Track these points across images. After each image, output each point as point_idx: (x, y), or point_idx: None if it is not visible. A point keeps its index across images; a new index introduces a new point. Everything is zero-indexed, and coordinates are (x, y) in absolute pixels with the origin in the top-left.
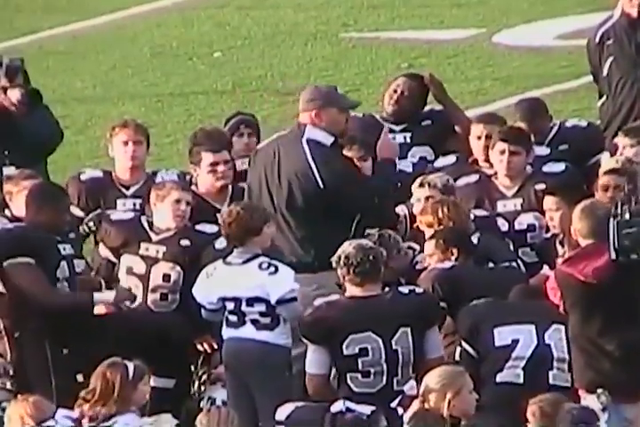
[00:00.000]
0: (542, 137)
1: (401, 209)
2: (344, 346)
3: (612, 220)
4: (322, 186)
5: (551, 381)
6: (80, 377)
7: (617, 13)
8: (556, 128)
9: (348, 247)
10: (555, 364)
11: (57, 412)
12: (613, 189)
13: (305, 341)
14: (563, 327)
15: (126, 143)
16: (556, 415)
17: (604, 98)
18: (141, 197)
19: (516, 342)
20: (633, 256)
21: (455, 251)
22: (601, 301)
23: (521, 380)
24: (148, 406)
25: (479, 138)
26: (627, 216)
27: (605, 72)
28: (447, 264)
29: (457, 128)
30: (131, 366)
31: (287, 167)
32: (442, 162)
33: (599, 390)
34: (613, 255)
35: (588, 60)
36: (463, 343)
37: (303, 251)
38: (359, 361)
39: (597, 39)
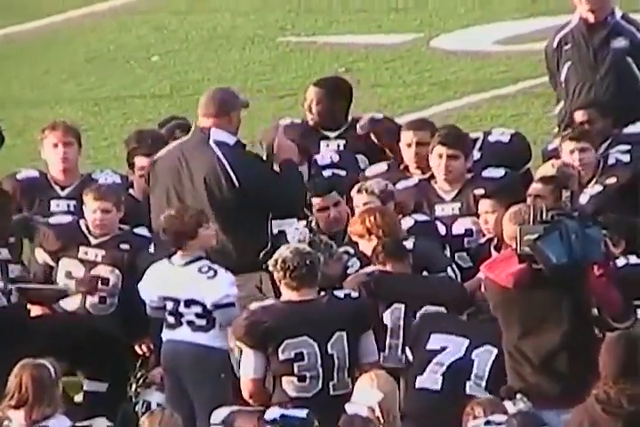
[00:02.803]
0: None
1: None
2: (279, 350)
3: (517, 226)
4: (237, 184)
5: (468, 391)
6: None
7: (575, 19)
8: (479, 143)
9: (285, 251)
10: (472, 377)
11: None
12: (534, 198)
13: (240, 345)
14: (495, 351)
15: (56, 145)
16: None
17: (562, 103)
18: (76, 198)
19: (443, 348)
20: (542, 264)
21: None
22: (517, 306)
23: (438, 386)
24: (81, 409)
25: (409, 145)
26: (531, 223)
27: (563, 77)
28: (369, 269)
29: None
30: (49, 365)
31: (200, 171)
32: (373, 170)
33: (518, 396)
34: (518, 261)
35: (546, 65)
36: (407, 351)
37: (223, 253)
38: (295, 366)
39: (555, 44)
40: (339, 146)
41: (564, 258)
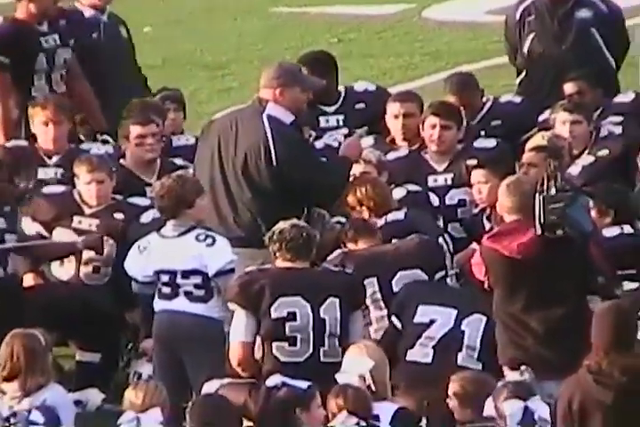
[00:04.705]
0: (473, 111)
1: None
2: (272, 309)
3: (537, 195)
4: (275, 162)
5: (460, 362)
6: None
7: None
8: (489, 104)
9: (282, 224)
10: (464, 349)
11: None
12: (527, 166)
13: (232, 307)
14: (485, 319)
15: (46, 124)
16: (477, 393)
17: (523, 74)
18: (63, 166)
19: (432, 321)
20: (559, 232)
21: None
22: (525, 277)
23: (429, 359)
24: (74, 380)
25: (396, 117)
26: (552, 191)
27: (526, 48)
28: (335, 254)
29: None
30: (39, 335)
31: (245, 141)
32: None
33: (522, 367)
34: (539, 231)
35: (506, 37)
36: (393, 318)
37: (252, 225)
38: (286, 325)
39: (517, 16)
40: (338, 121)
41: (591, 226)
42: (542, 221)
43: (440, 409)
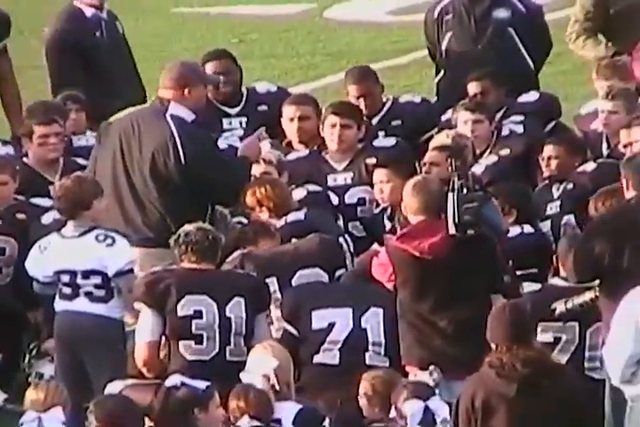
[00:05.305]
0: (373, 102)
1: None
2: (179, 306)
3: (450, 194)
4: (184, 161)
5: (368, 361)
6: None
7: None
8: (389, 103)
9: (188, 227)
10: (370, 347)
11: None
12: (430, 165)
13: (138, 306)
14: (381, 311)
15: None
16: (386, 393)
17: (442, 73)
18: None
19: (332, 325)
20: (470, 231)
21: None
22: (435, 277)
23: (336, 361)
24: None
25: (292, 120)
26: (464, 191)
27: (444, 47)
28: (234, 255)
29: None
30: None
31: (151, 141)
32: None
33: (431, 367)
34: (453, 230)
35: (425, 35)
36: (284, 323)
37: (160, 225)
38: (193, 323)
39: (435, 14)
40: (241, 123)
41: (504, 225)
42: (457, 220)
43: (349, 410)
